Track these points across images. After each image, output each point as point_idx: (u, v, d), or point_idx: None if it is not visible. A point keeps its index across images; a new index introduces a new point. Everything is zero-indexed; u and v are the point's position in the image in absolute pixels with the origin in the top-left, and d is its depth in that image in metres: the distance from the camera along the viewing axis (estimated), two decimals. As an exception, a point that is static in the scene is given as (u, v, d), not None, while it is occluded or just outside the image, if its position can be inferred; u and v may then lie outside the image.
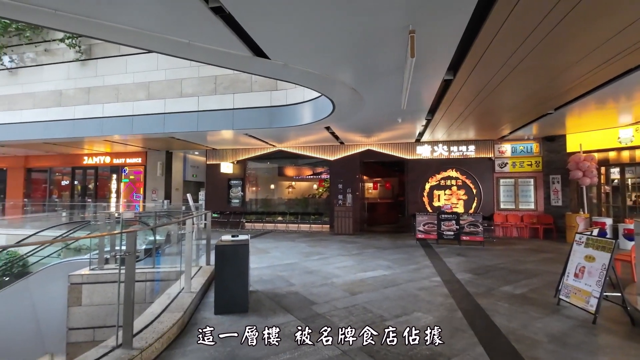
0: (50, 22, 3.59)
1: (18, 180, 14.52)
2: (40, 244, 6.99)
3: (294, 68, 4.71)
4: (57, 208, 13.34)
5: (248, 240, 4.08)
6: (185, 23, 3.66)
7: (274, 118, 8.72)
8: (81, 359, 2.56)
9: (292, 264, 6.70)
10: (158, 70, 9.47)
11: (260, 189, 14.54)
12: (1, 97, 10.71)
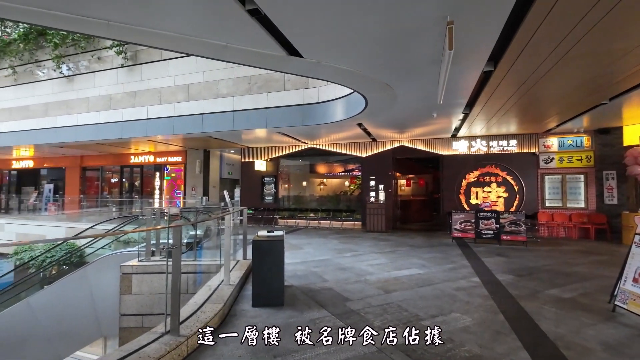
0: (104, 32, 3.89)
1: (75, 178, 15.94)
2: (95, 237, 7.64)
3: (327, 66, 4.73)
4: (108, 203, 14.47)
5: (283, 236, 4.18)
6: (223, 26, 3.80)
7: (306, 116, 8.80)
8: (136, 342, 2.78)
9: (325, 260, 6.76)
10: (196, 73, 9.92)
11: (292, 186, 14.78)
12: (60, 103, 11.79)
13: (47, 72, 12.15)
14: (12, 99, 12.78)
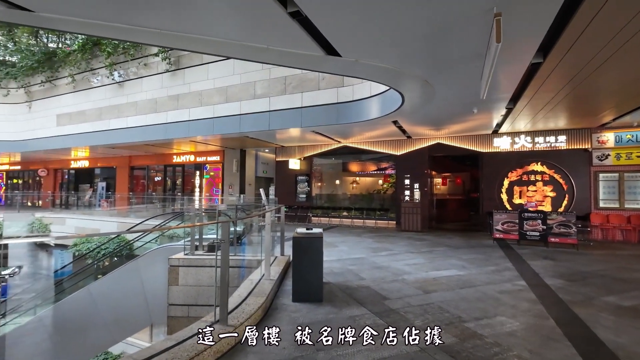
0: (155, 40, 4.18)
1: (124, 177, 17.19)
2: (143, 232, 8.21)
3: (365, 64, 4.72)
4: (154, 200, 15.45)
5: (322, 233, 4.25)
6: (265, 29, 3.93)
7: (340, 114, 8.83)
8: (188, 329, 2.97)
9: (361, 258, 6.76)
10: (234, 75, 10.30)
11: (325, 185, 14.88)
12: (112, 107, 12.77)
13: (101, 79, 13.21)
14: (71, 104, 14.05)
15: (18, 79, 15.48)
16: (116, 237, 9.27)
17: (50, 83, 14.82)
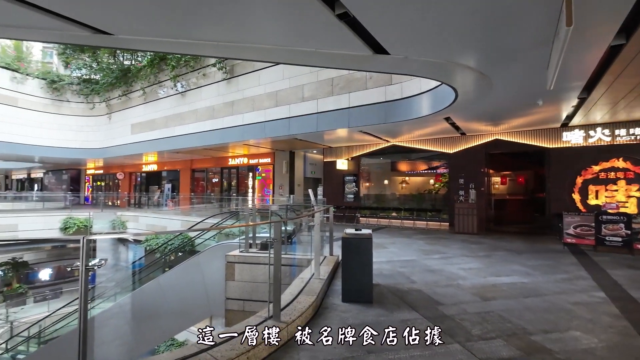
0: (213, 51, 4.50)
1: (186, 179, 18.75)
2: (204, 230, 8.86)
3: (415, 60, 4.57)
4: (212, 201, 16.60)
5: (371, 234, 4.21)
6: (313, 33, 4.01)
7: (389, 113, 8.65)
8: (244, 322, 3.15)
9: (411, 260, 6.55)
10: (283, 80, 10.66)
11: (373, 185, 14.69)
12: (176, 115, 14.02)
13: (166, 90, 14.58)
14: (142, 114, 15.73)
15: (100, 94, 17.80)
16: (180, 234, 10.14)
17: (126, 96, 16.78)
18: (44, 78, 17.79)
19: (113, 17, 3.60)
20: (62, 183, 26.01)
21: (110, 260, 14.41)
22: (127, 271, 11.88)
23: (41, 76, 17.79)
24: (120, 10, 3.45)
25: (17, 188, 32.56)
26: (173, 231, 14.43)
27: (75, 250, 20.09)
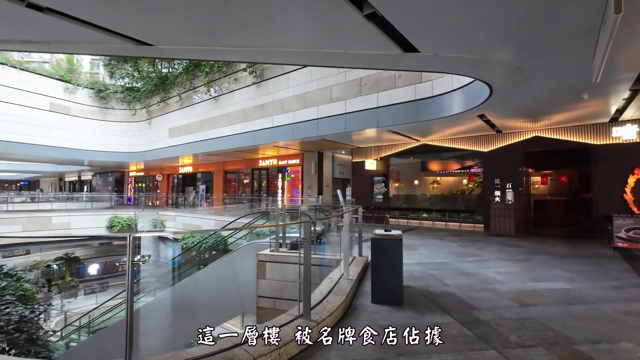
0: (245, 57, 4.67)
1: (219, 180, 19.48)
2: (236, 229, 9.17)
3: (446, 57, 4.45)
4: (243, 201, 17.12)
5: (401, 235, 4.15)
6: (341, 35, 4.03)
7: (419, 111, 8.46)
8: (275, 320, 3.24)
9: (444, 263, 6.37)
10: (312, 81, 10.77)
11: (403, 185, 14.42)
12: (210, 119, 14.64)
13: (201, 95, 15.26)
14: (178, 119, 16.58)
15: (141, 100, 19.00)
16: (214, 233, 10.56)
17: (164, 102, 17.77)
18: (92, 88, 19.28)
19: (154, 29, 3.85)
20: (107, 185, 28.04)
21: (152, 257, 15.31)
22: (167, 267, 12.58)
23: (90, 86, 19.29)
24: (160, 23, 3.69)
25: (69, 189, 35.54)
26: (207, 230, 15.06)
27: (120, 247, 21.55)
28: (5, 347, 4.25)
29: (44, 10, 3.22)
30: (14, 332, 4.33)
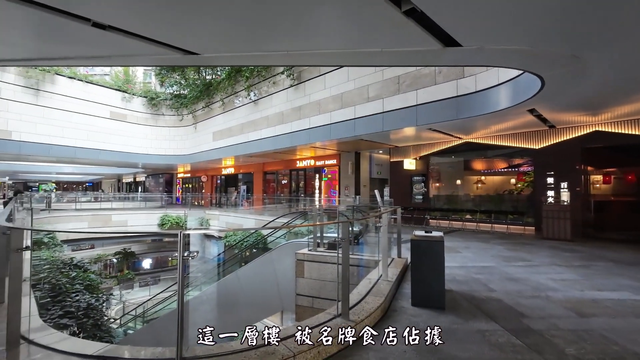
0: (283, 61, 4.80)
1: (259, 181, 20.16)
2: (275, 228, 9.44)
3: (491, 49, 4.22)
4: (282, 201, 17.55)
5: (442, 237, 4.01)
6: (378, 33, 3.99)
7: (461, 108, 8.09)
8: (315, 318, 3.30)
9: (489, 267, 6.03)
10: (348, 82, 10.76)
11: (444, 185, 13.87)
12: (250, 122, 15.21)
13: (241, 99, 15.92)
14: (222, 123, 17.43)
15: (188, 106, 20.31)
16: (255, 231, 10.96)
17: (208, 107, 18.80)
18: (145, 96, 20.93)
19: (200, 39, 4.10)
20: (159, 185, 30.27)
21: (199, 253, 16.27)
22: (212, 264, 13.28)
23: (143, 95, 20.96)
24: (205, 33, 3.92)
25: (126, 190, 38.88)
26: (249, 228, 15.64)
27: (170, 243, 23.14)
28: (76, 330, 4.75)
29: (106, 28, 3.58)
30: (83, 318, 4.85)
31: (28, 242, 3.08)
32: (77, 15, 3.30)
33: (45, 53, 4.63)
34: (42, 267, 5.75)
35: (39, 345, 2.66)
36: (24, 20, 3.50)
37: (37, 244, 7.46)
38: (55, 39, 4.05)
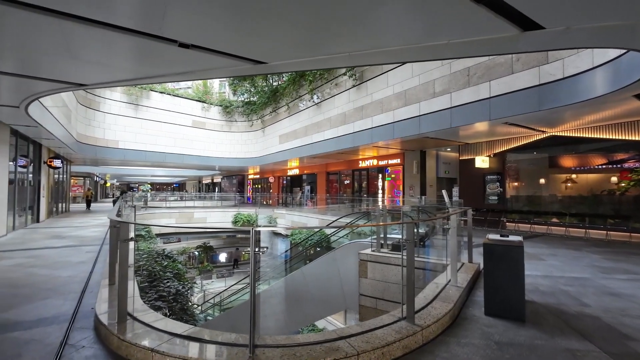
0: (346, 62, 4.86)
1: (322, 181, 20.62)
2: (339, 227, 9.56)
3: (581, 28, 3.69)
4: (344, 201, 17.67)
5: (522, 241, 3.64)
6: (445, 24, 3.78)
7: (545, 98, 7.19)
8: (378, 319, 3.28)
9: (582, 279, 5.25)
10: (412, 78, 10.37)
11: (524, 184, 12.44)
12: (313, 124, 15.67)
13: (305, 103, 16.49)
14: (287, 126, 18.29)
15: (257, 112, 21.78)
16: (319, 230, 11.25)
17: (275, 112, 19.92)
18: (221, 105, 23.05)
19: (268, 49, 4.39)
20: (232, 186, 33.02)
21: (268, 249, 17.30)
22: (279, 260, 14.02)
23: (219, 104, 23.11)
24: (272, 43, 4.18)
25: (205, 190, 43.22)
26: (313, 227, 16.11)
27: (242, 239, 25.05)
28: (166, 312, 5.46)
29: (189, 47, 4.06)
30: (172, 302, 5.55)
31: (132, 234, 3.66)
32: (166, 38, 3.82)
33: (142, 73, 5.42)
34: (141, 256, 6.74)
35: (140, 322, 3.14)
36: (126, 47, 4.16)
37: (137, 236, 8.76)
38: (150, 60, 4.72)
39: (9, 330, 3.23)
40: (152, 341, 2.75)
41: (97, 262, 6.12)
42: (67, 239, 8.78)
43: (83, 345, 2.93)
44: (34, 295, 4.26)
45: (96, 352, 2.81)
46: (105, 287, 4.25)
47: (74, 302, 4.02)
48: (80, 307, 3.84)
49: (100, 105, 17.87)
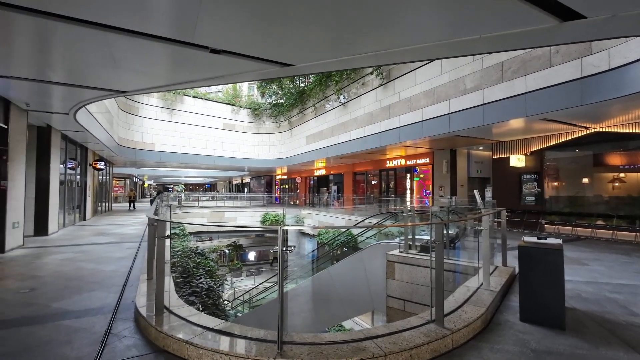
0: (373, 62, 4.83)
1: (349, 181, 20.55)
2: (366, 227, 9.49)
3: (628, 15, 3.42)
4: (372, 201, 17.51)
5: (561, 245, 3.44)
6: (476, 17, 3.65)
7: (587, 91, 6.72)
8: (406, 321, 3.23)
9: (631, 286, 4.86)
10: (442, 75, 10.07)
11: (564, 184, 11.67)
12: (340, 125, 15.66)
13: (332, 103, 16.52)
14: (314, 127, 18.41)
15: (284, 114, 22.14)
16: (346, 230, 11.23)
17: (302, 113, 20.13)
18: (249, 107, 23.66)
19: (295, 52, 4.47)
20: (260, 186, 33.75)
21: (295, 248, 17.52)
22: (306, 259, 14.15)
23: (248, 106, 23.73)
24: (301, 45, 4.25)
25: (235, 190, 44.52)
26: (340, 227, 16.11)
27: (270, 239, 25.50)
28: (199, 307, 5.70)
29: (220, 52, 4.22)
30: (205, 297, 5.78)
31: (168, 232, 3.87)
32: (198, 45, 4.00)
33: (176, 79, 5.71)
34: (175, 254, 7.09)
35: (176, 316, 3.31)
36: (162, 54, 4.40)
37: (172, 234, 9.21)
38: (183, 66, 4.96)
39: (62, 318, 3.53)
40: (186, 334, 2.90)
41: (137, 258, 6.52)
42: (110, 236, 9.42)
43: (125, 335, 3.15)
44: (82, 287, 4.62)
45: (136, 342, 3.01)
46: (144, 281, 4.52)
47: (117, 294, 4.32)
48: (122, 300, 4.12)
49: (139, 110, 18.99)
